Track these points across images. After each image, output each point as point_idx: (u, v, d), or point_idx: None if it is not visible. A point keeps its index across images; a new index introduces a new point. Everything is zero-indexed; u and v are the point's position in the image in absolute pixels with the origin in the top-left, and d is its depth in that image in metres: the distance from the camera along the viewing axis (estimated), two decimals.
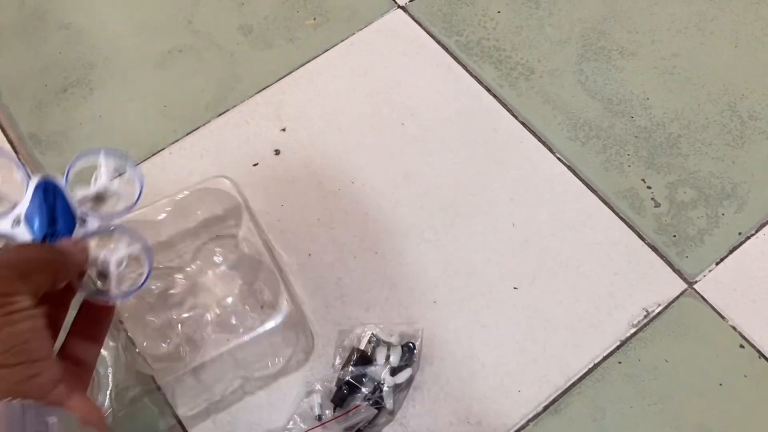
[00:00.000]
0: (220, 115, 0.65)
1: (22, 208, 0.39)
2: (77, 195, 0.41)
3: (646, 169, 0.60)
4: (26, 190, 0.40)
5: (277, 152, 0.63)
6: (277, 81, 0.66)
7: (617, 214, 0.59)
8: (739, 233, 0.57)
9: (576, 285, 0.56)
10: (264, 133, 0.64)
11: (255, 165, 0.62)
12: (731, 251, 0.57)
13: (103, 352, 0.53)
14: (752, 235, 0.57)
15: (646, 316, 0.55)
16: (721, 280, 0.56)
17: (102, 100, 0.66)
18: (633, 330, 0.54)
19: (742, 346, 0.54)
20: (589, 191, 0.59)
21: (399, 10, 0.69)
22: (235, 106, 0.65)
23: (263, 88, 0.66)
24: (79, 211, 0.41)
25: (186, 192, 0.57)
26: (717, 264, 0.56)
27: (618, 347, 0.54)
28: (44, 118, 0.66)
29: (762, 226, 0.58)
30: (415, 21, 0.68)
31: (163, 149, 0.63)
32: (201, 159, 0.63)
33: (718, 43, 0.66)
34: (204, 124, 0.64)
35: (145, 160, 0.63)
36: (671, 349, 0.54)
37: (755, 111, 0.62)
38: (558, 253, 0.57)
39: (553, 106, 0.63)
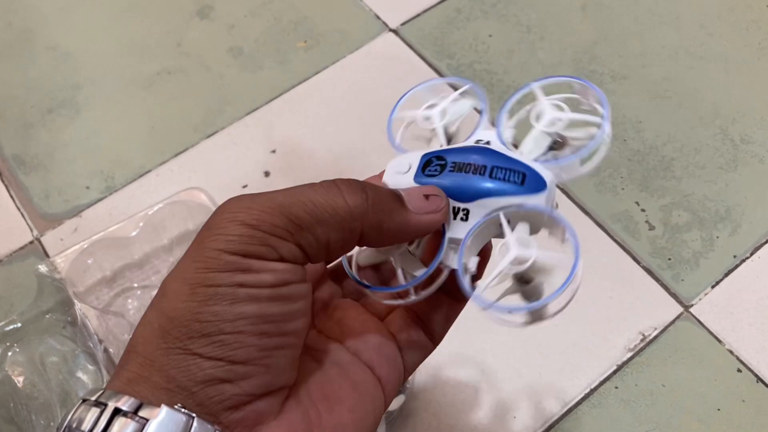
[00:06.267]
0: (209, 136, 0.64)
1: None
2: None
3: (639, 192, 0.60)
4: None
5: (267, 174, 0.62)
6: (267, 103, 0.65)
7: (611, 237, 0.58)
8: (734, 256, 0.57)
9: (571, 309, 0.55)
10: (253, 155, 0.63)
11: (244, 187, 0.61)
12: (727, 274, 0.56)
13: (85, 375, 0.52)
14: (747, 258, 0.57)
15: (642, 340, 0.54)
16: (717, 303, 0.55)
17: (88, 122, 0.65)
18: (629, 354, 0.53)
19: (739, 371, 0.53)
20: (583, 214, 0.59)
21: (390, 33, 0.69)
22: (224, 128, 0.64)
23: (253, 110, 0.65)
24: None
25: (159, 205, 0.56)
26: (713, 287, 0.56)
27: (614, 372, 0.53)
28: (29, 139, 0.65)
29: (757, 249, 0.57)
30: (407, 44, 0.68)
31: (150, 171, 0.62)
32: (189, 181, 0.61)
33: (709, 68, 0.66)
34: (192, 146, 0.64)
35: (132, 182, 0.62)
36: (668, 373, 0.53)
37: (747, 134, 0.62)
38: None
39: None
